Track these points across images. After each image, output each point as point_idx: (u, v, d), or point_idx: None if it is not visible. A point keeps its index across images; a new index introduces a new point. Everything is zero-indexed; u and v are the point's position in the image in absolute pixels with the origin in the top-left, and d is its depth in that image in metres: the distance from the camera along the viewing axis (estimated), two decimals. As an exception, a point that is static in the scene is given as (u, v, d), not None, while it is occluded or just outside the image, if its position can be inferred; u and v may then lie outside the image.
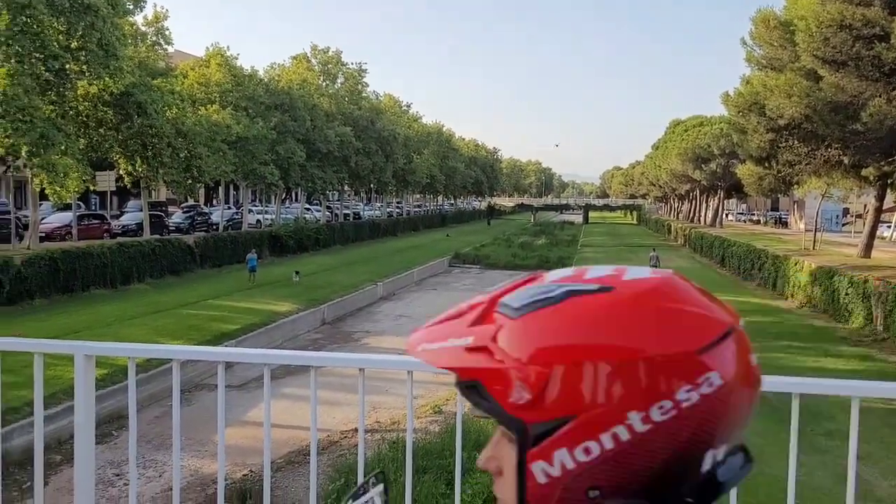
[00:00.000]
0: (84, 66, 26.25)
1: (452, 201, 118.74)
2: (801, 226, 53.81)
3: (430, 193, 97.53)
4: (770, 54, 31.02)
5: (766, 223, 78.38)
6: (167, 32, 34.44)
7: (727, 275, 41.66)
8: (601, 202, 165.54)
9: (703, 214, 77.14)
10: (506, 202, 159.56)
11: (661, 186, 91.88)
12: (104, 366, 15.61)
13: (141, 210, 37.93)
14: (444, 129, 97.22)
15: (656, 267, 35.53)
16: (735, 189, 63.43)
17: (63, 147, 25.55)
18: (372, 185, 68.55)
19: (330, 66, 56.73)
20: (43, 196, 29.04)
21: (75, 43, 25.64)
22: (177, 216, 47.12)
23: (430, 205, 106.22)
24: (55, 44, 24.71)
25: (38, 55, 24.25)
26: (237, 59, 43.42)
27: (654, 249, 43.07)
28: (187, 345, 18.98)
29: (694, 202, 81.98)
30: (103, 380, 15.36)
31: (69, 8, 25.16)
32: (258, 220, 51.83)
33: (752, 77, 33.54)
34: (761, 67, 32.40)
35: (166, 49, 35.95)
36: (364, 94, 60.99)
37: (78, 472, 3.32)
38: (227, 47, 44.63)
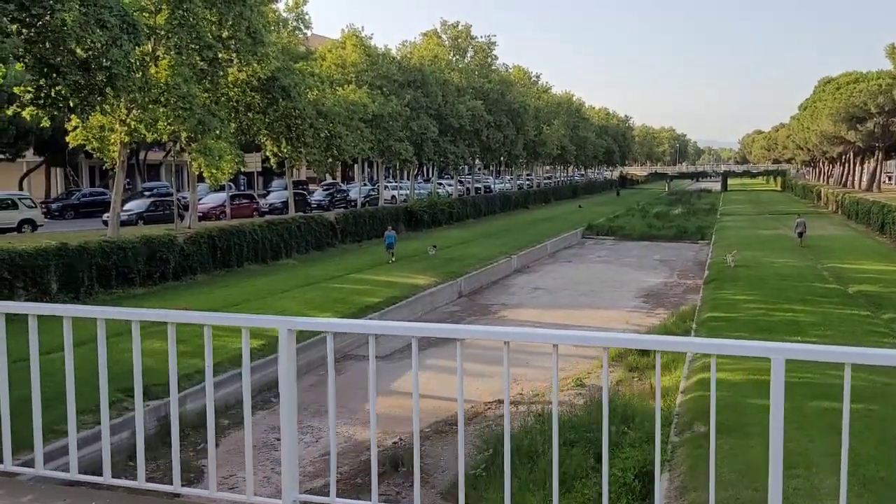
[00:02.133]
0: (234, 54, 27.91)
1: (583, 172, 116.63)
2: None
3: (560, 164, 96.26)
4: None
5: (932, 186, 71.87)
6: (306, 17, 35.81)
7: (887, 243, 38.70)
8: (740, 168, 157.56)
9: (857, 178, 71.80)
10: (638, 171, 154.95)
11: (808, 150, 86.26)
12: (259, 337, 16.32)
13: (285, 189, 39.95)
14: (574, 98, 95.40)
15: (802, 234, 33.30)
16: (895, 150, 58.56)
17: (217, 131, 27.31)
18: (502, 158, 68.52)
19: (460, 40, 56.98)
20: (199, 178, 31.20)
21: (226, 32, 27.25)
22: (318, 194, 49.35)
23: (561, 176, 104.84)
24: (209, 34, 26.35)
25: (194, 46, 25.96)
26: (371, 38, 44.53)
27: (799, 216, 40.62)
28: (334, 317, 19.91)
29: (847, 165, 76.37)
30: (256, 350, 16.20)
31: (221, -1, 26.73)
32: (393, 196, 53.23)
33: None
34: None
35: (306, 33, 37.35)
36: (494, 67, 60.86)
37: (284, 436, 3.53)
38: (362, 27, 45.79)
